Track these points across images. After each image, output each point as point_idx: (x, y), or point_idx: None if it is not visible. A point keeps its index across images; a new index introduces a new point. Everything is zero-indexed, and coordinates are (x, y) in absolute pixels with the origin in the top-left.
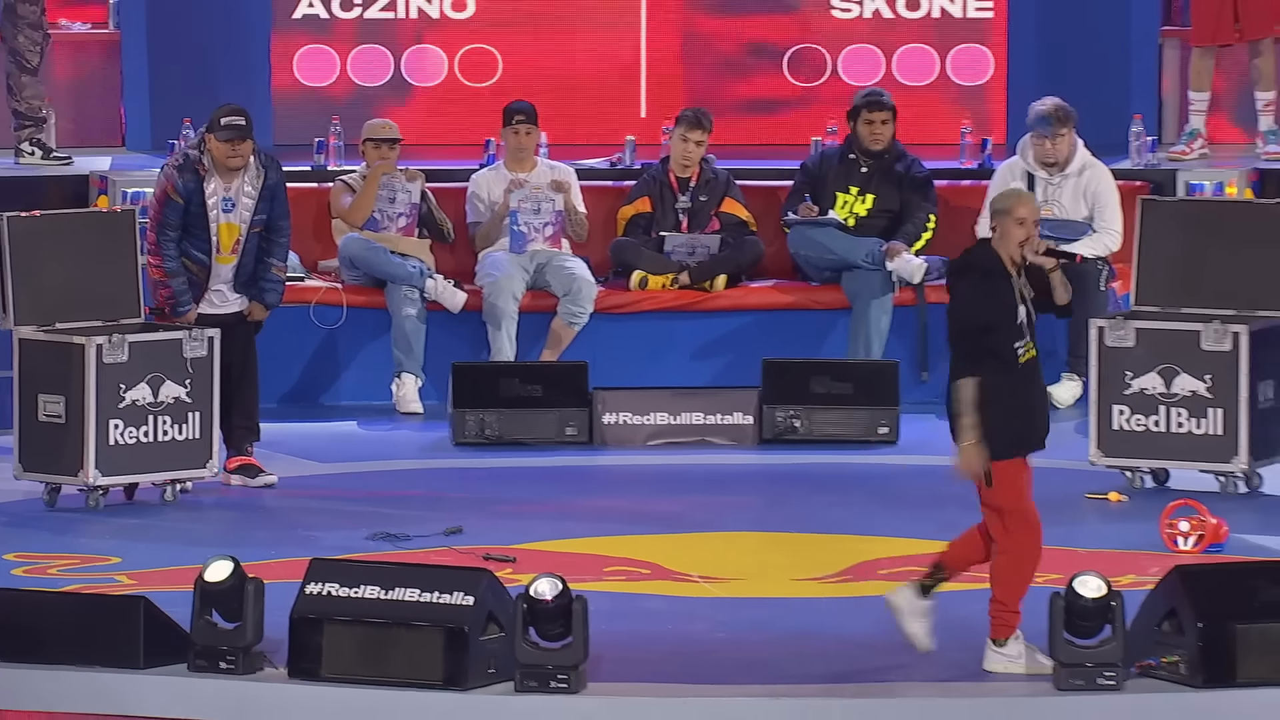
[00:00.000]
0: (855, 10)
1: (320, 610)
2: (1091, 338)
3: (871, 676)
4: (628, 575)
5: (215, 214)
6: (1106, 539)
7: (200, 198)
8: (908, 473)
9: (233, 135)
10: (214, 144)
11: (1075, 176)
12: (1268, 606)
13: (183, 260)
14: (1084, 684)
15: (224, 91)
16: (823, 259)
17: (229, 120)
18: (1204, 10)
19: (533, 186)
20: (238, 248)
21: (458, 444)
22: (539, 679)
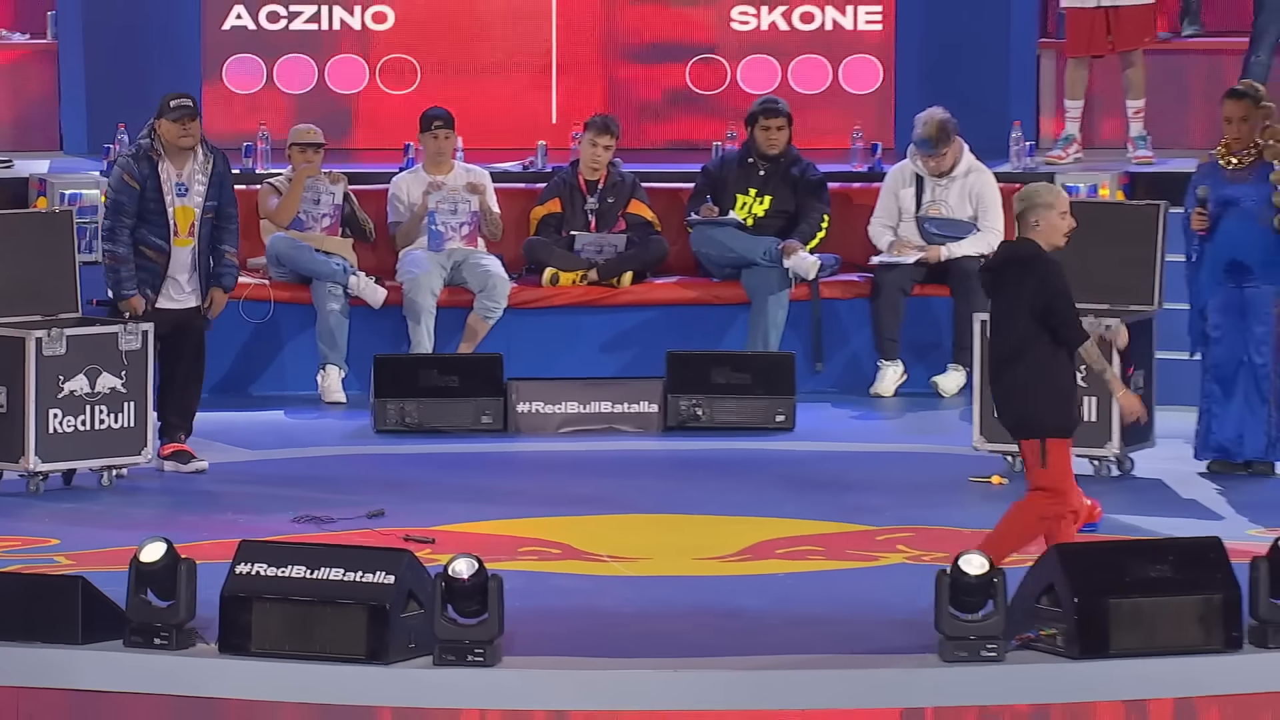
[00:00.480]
0: (753, 23)
1: (249, 589)
2: (974, 331)
3: (767, 649)
4: (540, 555)
5: (170, 198)
6: (989, 519)
7: (155, 182)
8: (803, 458)
9: (182, 114)
10: (165, 126)
11: (961, 179)
12: (1139, 582)
13: (142, 249)
14: (968, 656)
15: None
16: (723, 257)
17: (178, 102)
18: (1078, 24)
19: (450, 188)
20: (194, 230)
21: (379, 432)
22: (457, 653)
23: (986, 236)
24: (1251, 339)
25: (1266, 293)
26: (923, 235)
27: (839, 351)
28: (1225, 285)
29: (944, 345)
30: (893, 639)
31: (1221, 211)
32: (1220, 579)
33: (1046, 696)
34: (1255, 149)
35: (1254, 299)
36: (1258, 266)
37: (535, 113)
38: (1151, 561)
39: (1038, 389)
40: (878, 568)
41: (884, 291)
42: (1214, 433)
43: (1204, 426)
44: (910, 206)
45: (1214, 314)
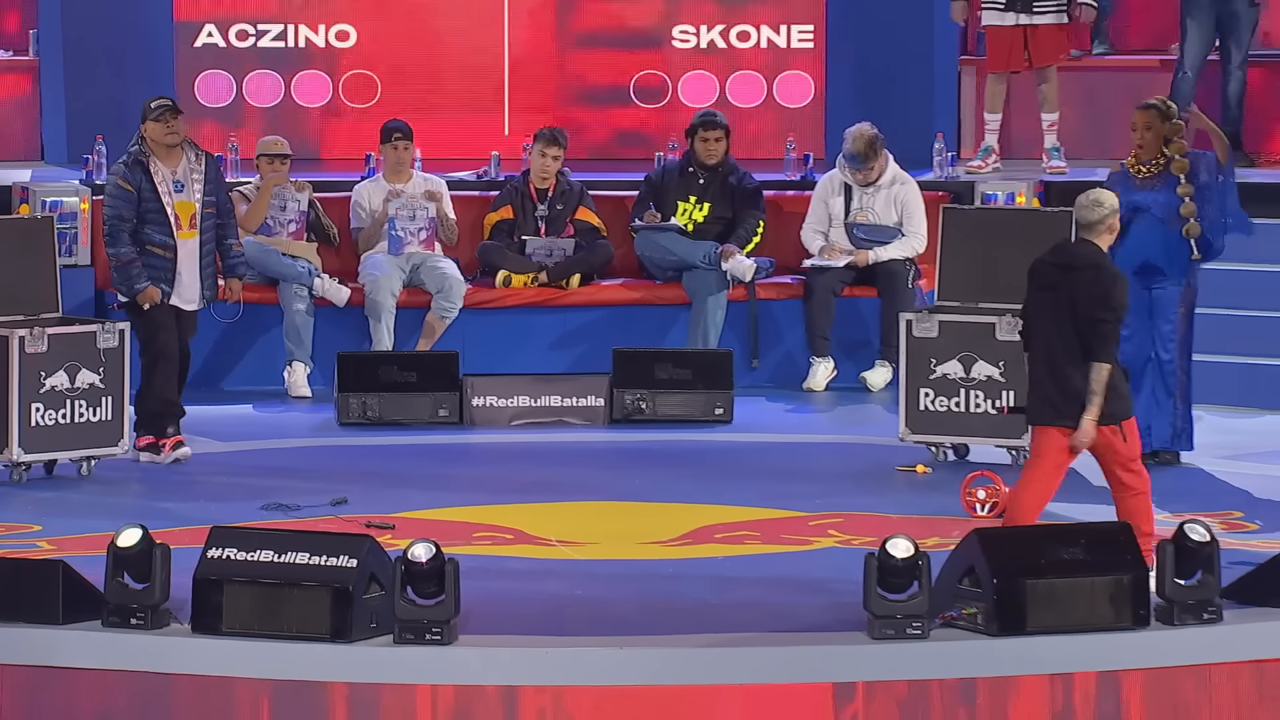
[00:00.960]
0: (693, 41)
1: (220, 572)
2: (901, 329)
3: (707, 628)
4: (494, 540)
5: (169, 197)
6: (914, 506)
7: (150, 184)
8: (740, 448)
9: (163, 112)
10: (151, 128)
11: (887, 188)
12: (1053, 564)
13: (150, 248)
14: (894, 633)
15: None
16: (665, 260)
17: (158, 103)
18: (998, 41)
19: (409, 196)
20: (195, 223)
21: (342, 424)
22: (415, 632)
23: (910, 241)
24: (1159, 336)
25: (1173, 293)
26: (851, 240)
27: (774, 349)
28: (1134, 286)
29: (872, 343)
30: (825, 618)
31: (1131, 217)
32: (1129, 561)
33: (969, 671)
34: (1163, 159)
35: (1161, 299)
36: (1164, 268)
37: (489, 125)
38: (1065, 545)
39: (1114, 379)
40: (810, 551)
41: (815, 292)
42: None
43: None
44: (839, 213)
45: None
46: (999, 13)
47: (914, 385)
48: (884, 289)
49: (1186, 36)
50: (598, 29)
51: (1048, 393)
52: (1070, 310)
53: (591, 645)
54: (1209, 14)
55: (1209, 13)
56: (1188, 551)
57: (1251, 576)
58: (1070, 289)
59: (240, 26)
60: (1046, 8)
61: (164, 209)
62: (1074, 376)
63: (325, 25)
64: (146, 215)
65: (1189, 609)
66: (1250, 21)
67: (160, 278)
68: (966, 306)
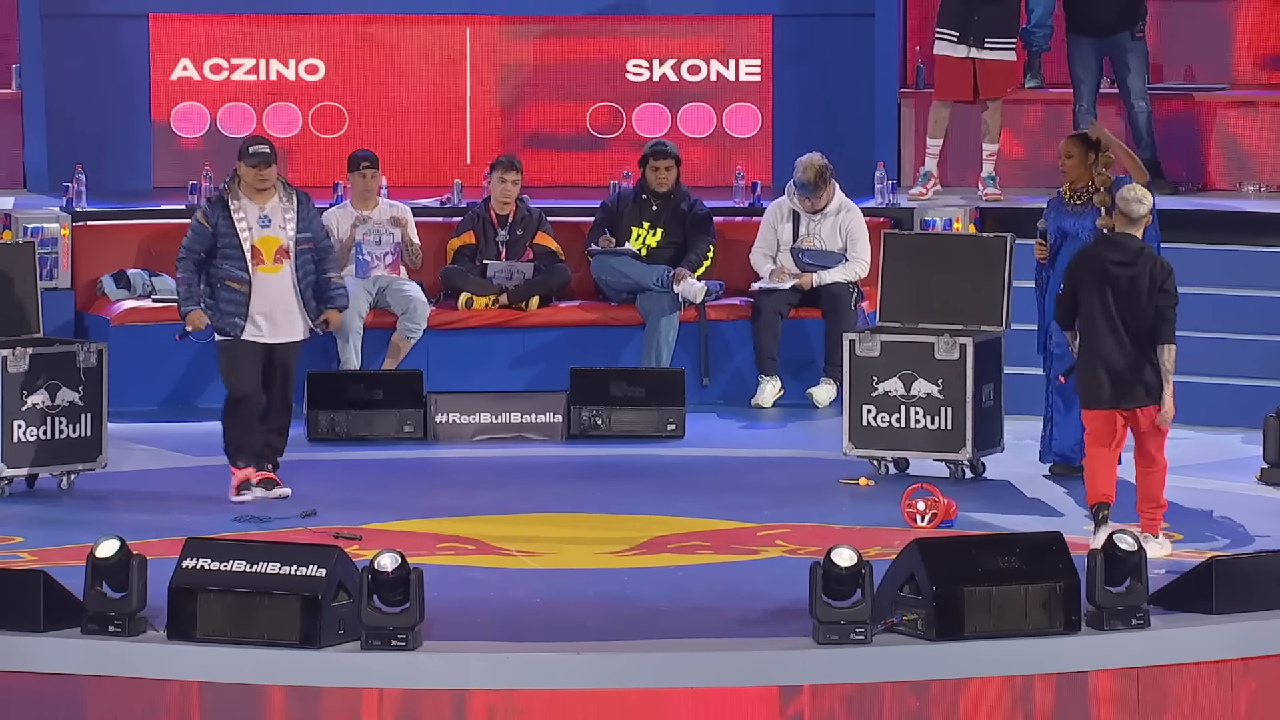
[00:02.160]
0: (646, 74)
1: (195, 581)
2: (844, 349)
3: (660, 634)
4: (457, 550)
5: (247, 232)
6: (857, 517)
7: (229, 223)
8: (692, 462)
9: (258, 161)
10: (243, 169)
11: (833, 215)
12: (990, 572)
13: (226, 282)
14: (839, 639)
15: (111, 142)
16: (620, 283)
17: (255, 149)
18: (948, 70)
19: (375, 222)
20: (282, 256)
21: (312, 440)
22: (381, 638)
23: (854, 266)
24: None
25: None
26: (796, 264)
27: (724, 367)
28: None
29: (817, 362)
30: (772, 624)
31: (1061, 241)
32: (1062, 569)
33: (909, 674)
34: (1091, 187)
35: None
36: None
37: (451, 154)
38: (1001, 554)
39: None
40: (758, 560)
41: (763, 314)
42: (1056, 439)
43: (1047, 434)
44: (787, 239)
45: (1056, 333)
46: (951, 44)
47: (857, 402)
48: (828, 310)
49: (1075, 75)
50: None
51: (1118, 376)
52: (1132, 299)
53: (549, 650)
54: (1091, 52)
55: (1091, 51)
56: (1117, 560)
57: (1177, 583)
58: (1132, 280)
59: (214, 60)
60: (997, 45)
61: (240, 245)
62: (1140, 360)
63: (295, 59)
64: (224, 250)
65: (1118, 614)
66: (1138, 53)
67: (235, 312)
68: (906, 327)
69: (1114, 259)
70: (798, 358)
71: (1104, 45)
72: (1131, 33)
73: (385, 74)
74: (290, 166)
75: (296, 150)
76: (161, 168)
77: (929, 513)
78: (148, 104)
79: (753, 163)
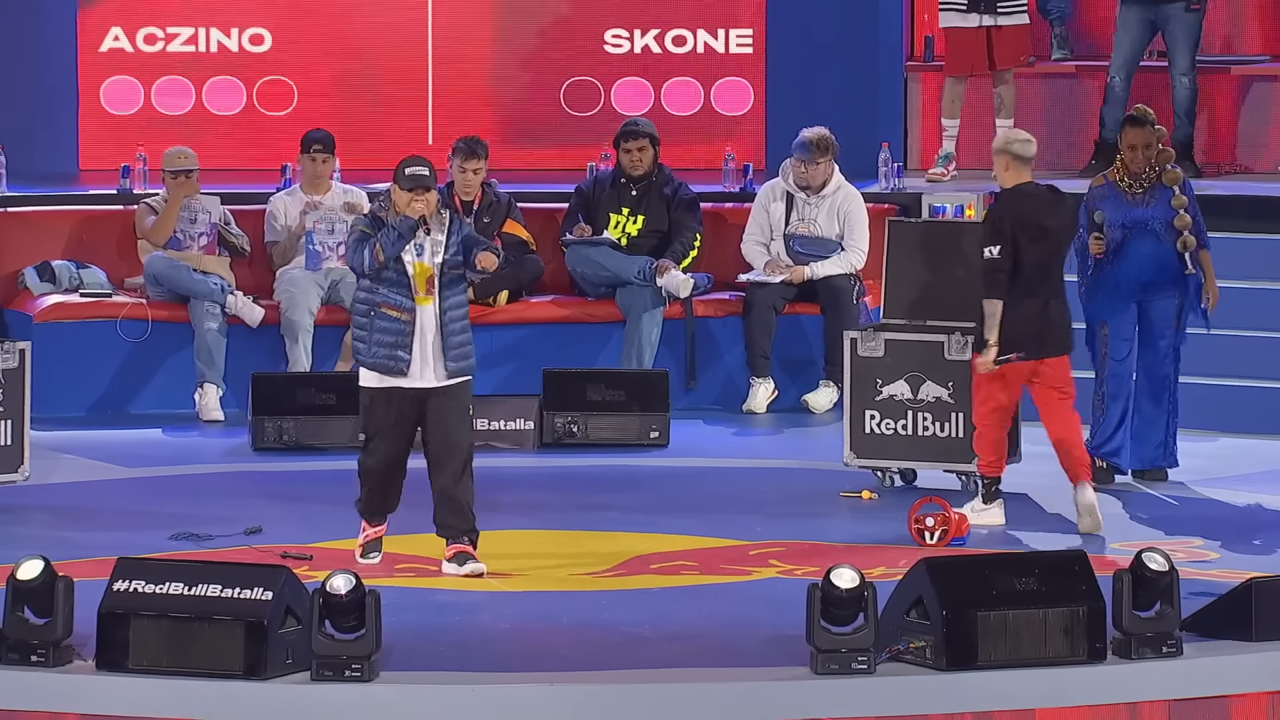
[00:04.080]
0: (626, 46)
1: (127, 606)
2: (845, 348)
3: (642, 663)
4: (417, 571)
5: (410, 256)
6: (860, 534)
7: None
8: (677, 474)
9: (414, 185)
10: (397, 192)
11: (831, 197)
12: (1005, 595)
13: (386, 310)
14: (839, 668)
15: (34, 120)
16: (598, 276)
17: (413, 171)
18: (959, 43)
19: (327, 209)
20: (432, 288)
21: (257, 449)
22: (334, 668)
23: (849, 256)
24: (1156, 352)
25: (1169, 306)
26: (788, 252)
27: (712, 369)
28: (1129, 301)
29: (815, 362)
30: (766, 652)
31: (1127, 234)
32: (1085, 591)
33: (917, 708)
34: (1154, 172)
35: (1158, 314)
36: (1163, 283)
37: (411, 134)
38: (1017, 575)
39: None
40: (750, 582)
41: (755, 309)
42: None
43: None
44: (780, 222)
45: (1114, 329)
46: (960, 14)
47: (859, 407)
48: (827, 305)
49: (1117, 41)
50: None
51: (1042, 327)
52: (1059, 246)
53: (518, 682)
54: (1140, 18)
55: (1140, 16)
56: (1146, 581)
57: (1212, 608)
58: (1059, 228)
59: (148, 30)
60: (1011, 8)
61: (404, 270)
62: (1060, 309)
63: (238, 29)
64: (382, 274)
65: (1147, 642)
66: (1189, 26)
67: (394, 344)
68: (914, 324)
69: (1049, 208)
70: (794, 358)
71: (1154, 13)
72: (1187, 3)
73: (338, 45)
74: (231, 147)
75: (239, 130)
76: (90, 149)
77: (938, 529)
78: (74, 78)
79: (743, 143)
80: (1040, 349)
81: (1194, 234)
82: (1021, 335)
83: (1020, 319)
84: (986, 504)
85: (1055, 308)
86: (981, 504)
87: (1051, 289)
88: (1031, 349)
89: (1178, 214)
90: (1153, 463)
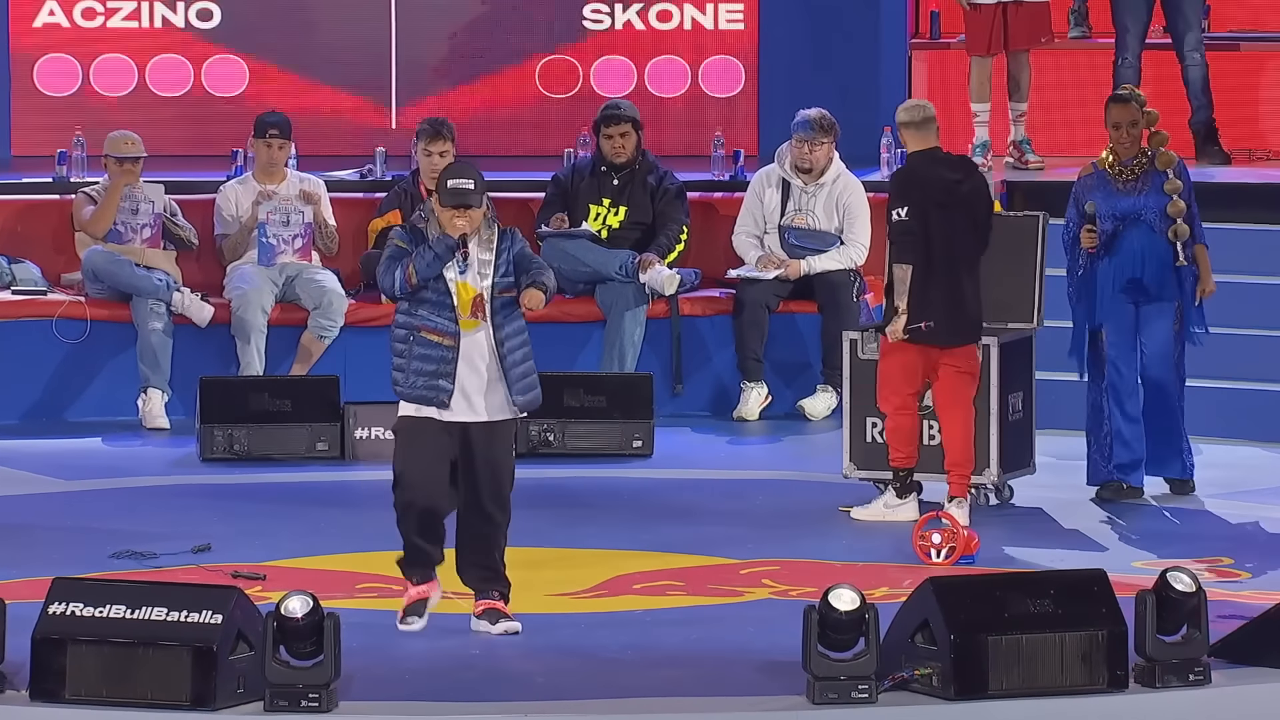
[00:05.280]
0: (606, 22)
1: (63, 630)
2: (844, 350)
3: (624, 692)
4: (380, 592)
5: (453, 272)
6: (860, 551)
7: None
8: (662, 486)
9: (456, 202)
10: (438, 208)
11: (829, 186)
12: (1018, 618)
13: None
14: (838, 698)
15: None
16: (576, 271)
17: (455, 184)
18: (977, 20)
19: (282, 198)
20: (479, 310)
21: (205, 460)
22: (289, 698)
23: (849, 251)
24: (1149, 357)
25: (1166, 308)
26: (783, 246)
27: (700, 372)
28: (1122, 302)
29: (812, 365)
30: (758, 680)
31: (1119, 226)
32: (1105, 614)
33: None
34: (1146, 157)
35: (1152, 315)
36: (1158, 280)
37: (373, 117)
38: (1032, 596)
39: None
40: (742, 604)
41: (747, 308)
42: (1117, 456)
43: (1104, 451)
44: (775, 214)
45: (1112, 333)
46: None
47: (860, 414)
48: (825, 304)
49: (1120, 23)
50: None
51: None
52: (972, 217)
53: (492, 713)
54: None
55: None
56: (1171, 603)
57: (1243, 632)
58: (970, 194)
59: (87, 4)
60: None
61: (446, 289)
62: (974, 291)
63: (184, 3)
64: (421, 294)
65: (1173, 669)
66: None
67: (437, 372)
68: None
69: (956, 179)
70: (789, 360)
71: None
72: None
73: (293, 20)
74: (177, 132)
75: (186, 113)
76: (23, 133)
77: (946, 546)
78: (5, 56)
79: (734, 128)
80: (950, 335)
81: (1188, 223)
82: (930, 315)
83: (928, 299)
84: (901, 498)
85: (969, 290)
86: (895, 499)
87: (964, 269)
88: (940, 334)
89: (1171, 200)
90: (1175, 473)
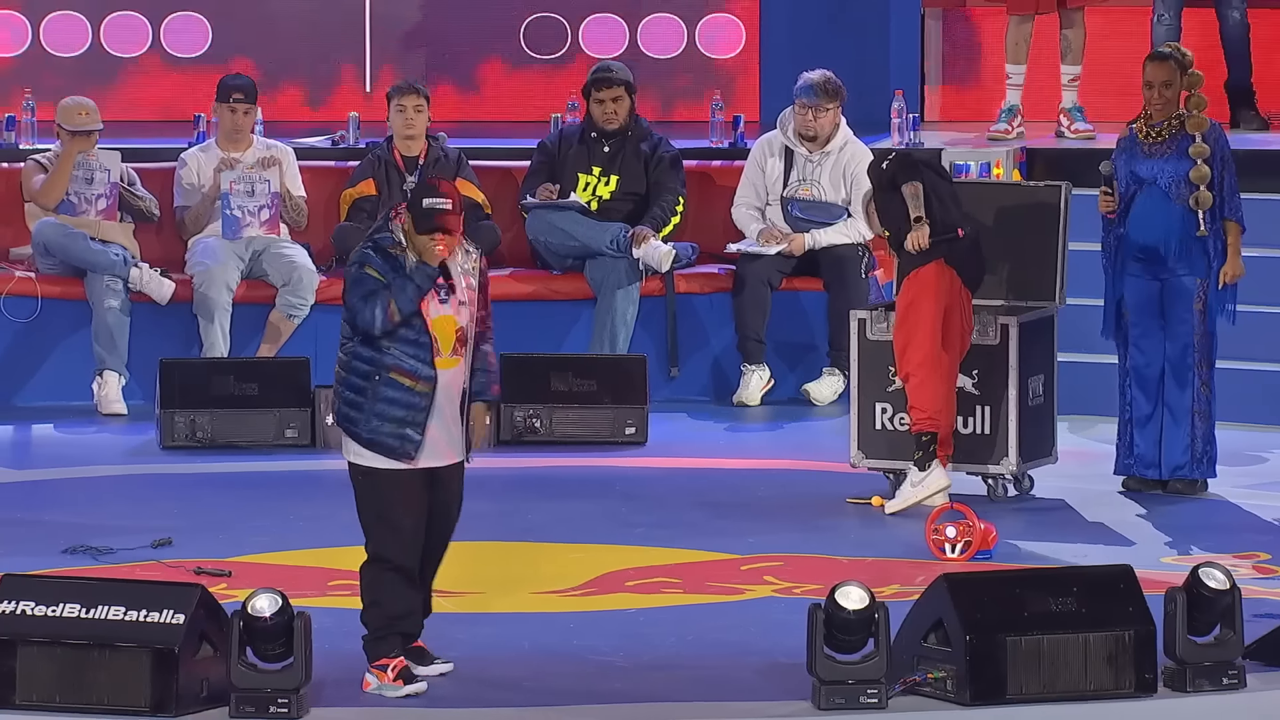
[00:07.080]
0: None
1: (14, 631)
2: (852, 330)
3: (616, 696)
4: (353, 590)
5: (432, 305)
6: (869, 546)
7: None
8: (656, 476)
9: (434, 227)
10: (413, 233)
11: (835, 154)
12: (1039, 617)
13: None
14: (845, 703)
15: None
16: (564, 245)
17: (432, 203)
18: None
19: (246, 167)
20: (460, 347)
21: (166, 448)
22: (256, 703)
23: (857, 224)
24: (1172, 339)
25: (1188, 284)
26: (786, 218)
27: (697, 354)
28: (1142, 277)
29: (817, 346)
30: (760, 684)
31: (1134, 190)
32: (1132, 613)
33: None
34: (1177, 120)
35: (1174, 292)
36: (1175, 254)
37: (346, 80)
38: (1053, 594)
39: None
40: (742, 602)
41: (748, 285)
42: (1137, 445)
43: (1125, 439)
44: (777, 184)
45: (1133, 310)
46: None
47: (868, 399)
48: (831, 281)
49: None
50: None
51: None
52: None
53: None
54: None
55: None
56: (1204, 602)
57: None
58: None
59: None
60: None
61: (424, 324)
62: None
63: None
64: (395, 331)
65: (1205, 672)
66: None
67: (407, 420)
68: None
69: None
70: (792, 342)
71: None
72: None
73: None
74: (132, 95)
75: (143, 74)
76: None
77: (961, 541)
78: None
79: (734, 91)
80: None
81: (1212, 190)
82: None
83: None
84: (923, 469)
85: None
86: (918, 472)
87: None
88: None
89: (1195, 164)
90: (1181, 472)
